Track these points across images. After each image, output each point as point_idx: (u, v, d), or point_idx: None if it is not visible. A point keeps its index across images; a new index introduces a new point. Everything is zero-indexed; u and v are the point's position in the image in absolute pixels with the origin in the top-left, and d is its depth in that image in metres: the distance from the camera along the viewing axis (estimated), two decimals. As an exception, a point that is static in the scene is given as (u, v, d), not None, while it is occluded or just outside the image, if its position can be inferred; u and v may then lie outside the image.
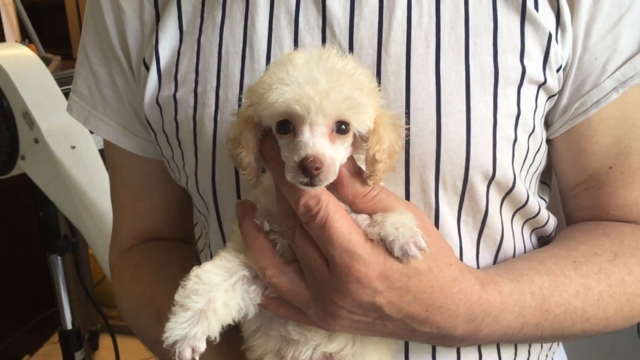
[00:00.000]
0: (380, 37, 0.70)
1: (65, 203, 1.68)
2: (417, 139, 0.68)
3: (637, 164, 0.75)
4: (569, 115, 0.74)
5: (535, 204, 0.77)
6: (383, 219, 0.60)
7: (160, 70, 0.78)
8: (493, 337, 0.67)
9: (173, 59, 0.78)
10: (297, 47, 0.72)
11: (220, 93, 0.74)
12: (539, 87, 0.71)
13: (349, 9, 0.71)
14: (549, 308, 0.68)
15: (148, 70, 0.79)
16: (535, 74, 0.70)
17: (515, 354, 0.79)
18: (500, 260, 0.76)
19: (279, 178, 0.61)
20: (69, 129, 1.63)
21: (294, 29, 0.73)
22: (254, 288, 0.64)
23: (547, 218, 0.80)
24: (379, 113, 0.60)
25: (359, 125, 0.59)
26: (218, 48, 0.75)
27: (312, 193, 0.59)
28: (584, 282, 0.70)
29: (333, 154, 0.57)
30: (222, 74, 0.74)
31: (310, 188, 0.58)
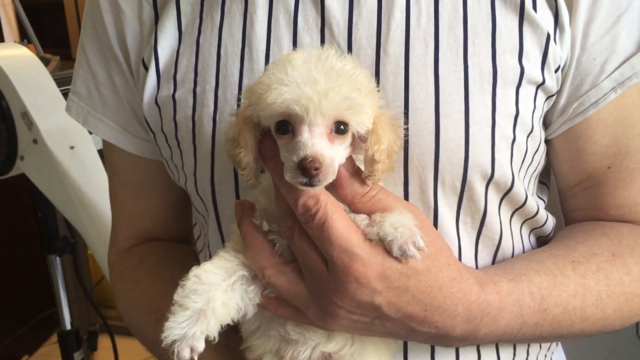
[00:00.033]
0: (379, 37, 0.70)
1: (64, 203, 1.68)
2: (415, 139, 0.68)
3: (635, 164, 0.75)
4: (568, 116, 0.74)
5: (534, 204, 0.77)
6: (382, 219, 0.60)
7: (159, 71, 0.78)
8: (492, 337, 0.68)
9: (172, 60, 0.78)
10: (295, 47, 0.72)
11: (219, 93, 0.74)
12: (538, 87, 0.71)
13: (348, 10, 0.71)
14: (548, 308, 0.68)
15: (147, 71, 0.79)
16: (534, 75, 0.70)
17: (514, 354, 0.79)
18: (499, 260, 0.76)
19: (278, 178, 0.61)
20: (68, 130, 1.63)
21: (293, 30, 0.73)
22: (253, 288, 0.64)
23: (545, 218, 0.80)
24: (378, 113, 0.60)
25: (358, 126, 0.59)
26: (217, 48, 0.75)
27: (310, 193, 0.59)
28: (583, 282, 0.70)
29: (332, 154, 0.57)
30: (221, 74, 0.74)
31: (309, 188, 0.58)
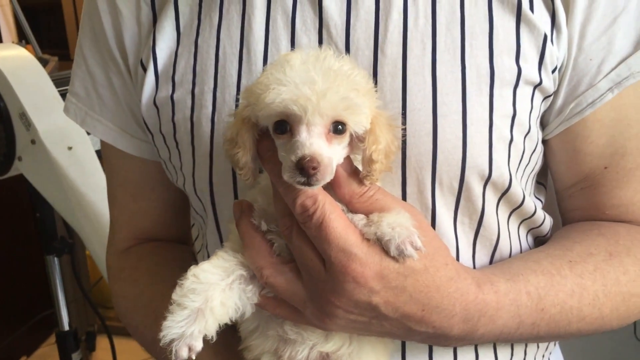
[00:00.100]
0: (377, 38, 0.70)
1: (62, 204, 1.68)
2: (413, 140, 0.68)
3: (632, 164, 0.75)
4: (565, 116, 0.74)
5: (531, 205, 0.77)
6: (379, 219, 0.60)
7: (158, 72, 0.78)
8: (489, 336, 0.68)
9: (170, 60, 0.78)
10: (294, 48, 0.72)
11: (218, 94, 0.74)
12: (535, 87, 0.72)
13: (345, 11, 0.71)
14: (545, 307, 0.68)
15: (145, 72, 0.79)
16: (531, 75, 0.71)
17: (512, 354, 0.79)
18: (497, 261, 0.76)
19: (276, 178, 0.61)
20: (66, 130, 1.63)
21: (291, 30, 0.73)
22: (251, 288, 0.64)
23: (543, 218, 0.80)
24: (376, 113, 0.61)
25: (356, 126, 0.59)
26: (215, 49, 0.75)
27: (308, 193, 0.59)
28: (580, 281, 0.70)
29: (330, 154, 0.58)
30: (219, 75, 0.74)
31: (307, 188, 0.58)
